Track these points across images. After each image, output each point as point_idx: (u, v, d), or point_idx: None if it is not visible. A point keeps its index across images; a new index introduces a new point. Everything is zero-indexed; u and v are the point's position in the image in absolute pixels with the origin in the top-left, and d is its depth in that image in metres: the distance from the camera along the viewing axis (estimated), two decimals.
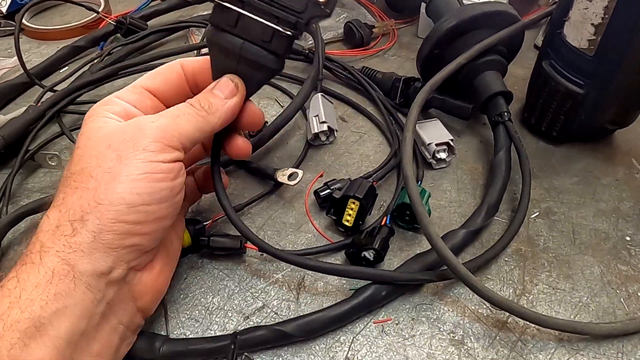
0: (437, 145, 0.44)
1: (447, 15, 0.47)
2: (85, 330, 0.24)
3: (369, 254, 0.35)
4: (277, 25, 0.28)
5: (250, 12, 0.28)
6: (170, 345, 0.30)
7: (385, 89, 0.52)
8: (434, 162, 0.44)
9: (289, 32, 0.28)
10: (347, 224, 0.37)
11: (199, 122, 0.28)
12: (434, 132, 0.45)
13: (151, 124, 0.26)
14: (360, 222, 0.38)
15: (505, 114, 0.44)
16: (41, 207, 0.37)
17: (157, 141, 0.26)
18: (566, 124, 0.45)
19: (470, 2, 0.53)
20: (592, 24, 0.39)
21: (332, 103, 0.50)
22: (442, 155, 0.44)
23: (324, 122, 0.46)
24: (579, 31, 0.40)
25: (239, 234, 0.33)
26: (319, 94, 0.48)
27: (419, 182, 0.43)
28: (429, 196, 0.39)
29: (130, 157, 0.25)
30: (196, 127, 0.28)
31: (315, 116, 0.47)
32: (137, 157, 0.25)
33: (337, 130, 0.48)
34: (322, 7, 0.28)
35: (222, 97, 0.29)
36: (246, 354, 0.31)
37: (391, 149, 0.46)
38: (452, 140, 0.44)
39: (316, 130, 0.46)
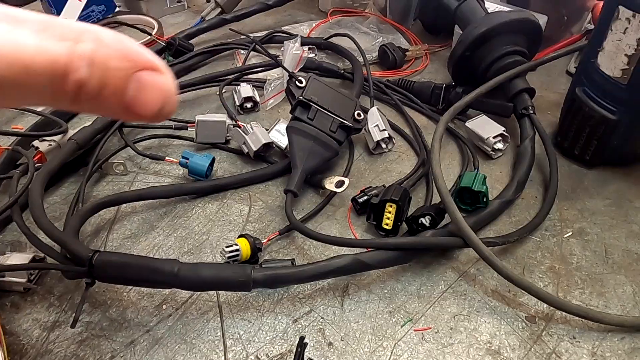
0: (493, 138, 0.49)
1: (477, 22, 0.53)
2: None
3: (426, 220, 0.40)
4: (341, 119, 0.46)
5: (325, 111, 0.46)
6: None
7: (424, 97, 0.57)
8: (493, 153, 0.50)
9: (349, 124, 0.46)
10: (386, 227, 0.40)
11: None
12: (486, 127, 0.50)
13: None
14: (399, 224, 0.40)
15: (530, 107, 0.50)
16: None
17: None
18: (599, 149, 0.47)
19: (494, 9, 0.59)
20: (626, 55, 0.41)
21: (385, 116, 0.53)
22: (499, 145, 0.50)
23: (384, 129, 0.50)
24: (613, 61, 0.42)
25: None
26: (375, 108, 0.52)
27: (476, 170, 0.48)
28: (485, 178, 0.43)
29: None
30: None
31: (375, 126, 0.50)
32: None
33: (395, 139, 0.51)
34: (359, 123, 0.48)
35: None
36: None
37: (419, 159, 0.50)
38: (505, 130, 0.49)
39: (378, 138, 0.50)
